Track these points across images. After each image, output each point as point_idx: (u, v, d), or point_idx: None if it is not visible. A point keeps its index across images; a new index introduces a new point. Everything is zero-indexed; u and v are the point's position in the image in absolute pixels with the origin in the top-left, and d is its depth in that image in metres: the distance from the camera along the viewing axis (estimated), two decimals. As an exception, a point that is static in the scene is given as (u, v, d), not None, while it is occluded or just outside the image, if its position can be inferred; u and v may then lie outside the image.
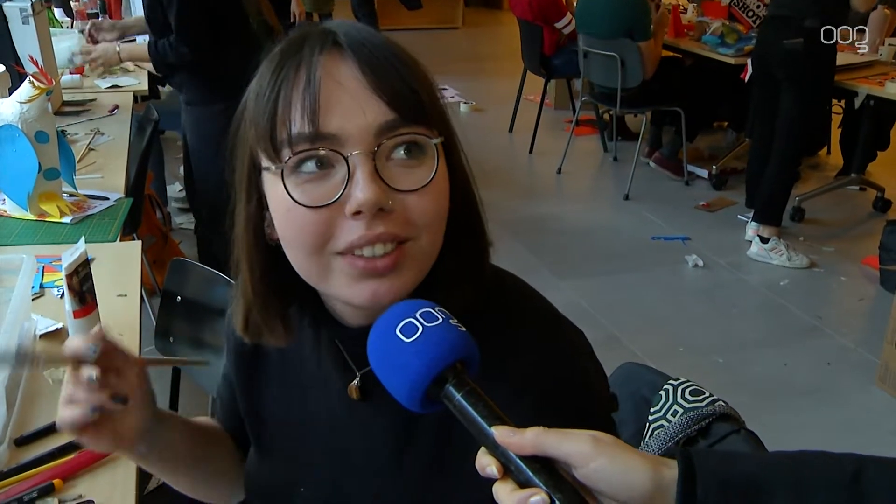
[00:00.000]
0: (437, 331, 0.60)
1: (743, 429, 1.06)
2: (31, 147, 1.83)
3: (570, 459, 0.55)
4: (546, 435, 0.56)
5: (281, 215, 0.69)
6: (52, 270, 1.65)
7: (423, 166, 0.68)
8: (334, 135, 0.66)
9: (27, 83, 1.85)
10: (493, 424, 0.57)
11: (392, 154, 0.67)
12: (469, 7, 10.28)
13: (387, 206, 0.66)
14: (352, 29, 0.71)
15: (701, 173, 4.72)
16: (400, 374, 0.60)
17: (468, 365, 0.61)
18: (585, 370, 0.78)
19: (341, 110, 0.66)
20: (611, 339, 3.02)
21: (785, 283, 3.51)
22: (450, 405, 0.59)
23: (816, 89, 3.62)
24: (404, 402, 0.60)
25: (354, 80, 0.67)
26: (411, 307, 0.62)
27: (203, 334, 1.66)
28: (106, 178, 2.29)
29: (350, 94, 0.66)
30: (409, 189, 0.67)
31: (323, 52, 0.68)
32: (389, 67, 0.68)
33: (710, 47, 4.49)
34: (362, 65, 0.67)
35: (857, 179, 4.36)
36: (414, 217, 0.68)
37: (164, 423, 0.85)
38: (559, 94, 6.04)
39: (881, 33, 4.20)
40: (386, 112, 0.66)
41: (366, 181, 0.65)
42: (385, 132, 0.67)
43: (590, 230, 4.13)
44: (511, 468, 0.56)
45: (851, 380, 2.84)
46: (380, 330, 0.62)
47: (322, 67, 0.67)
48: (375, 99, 0.66)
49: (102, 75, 3.53)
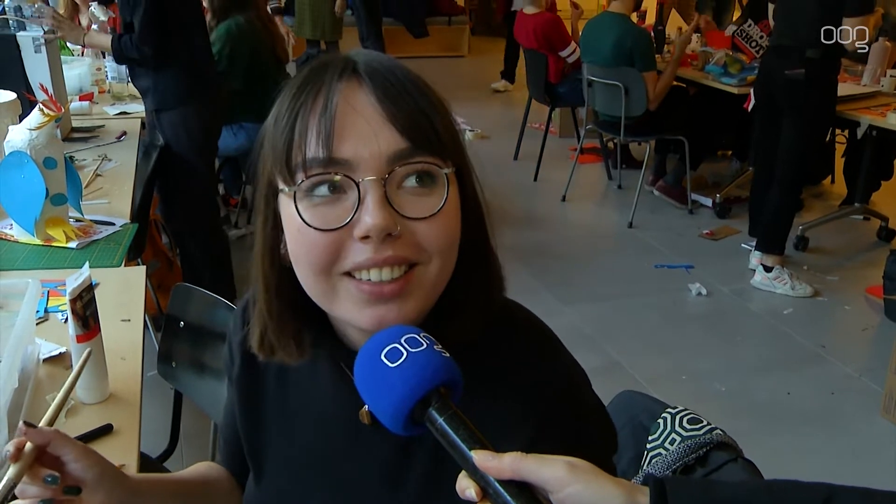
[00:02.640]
0: (421, 356, 0.62)
1: (740, 457, 1.06)
2: (40, 173, 1.85)
3: (547, 485, 0.57)
4: (524, 460, 0.57)
5: (292, 236, 0.71)
6: (57, 295, 1.67)
7: (433, 195, 0.70)
8: (347, 160, 0.68)
9: (37, 110, 1.88)
10: (473, 448, 0.59)
11: (404, 182, 0.69)
12: (475, 35, 10.40)
13: (395, 232, 0.67)
14: (372, 58, 0.73)
15: (705, 202, 4.73)
16: (385, 397, 0.62)
17: (452, 390, 0.62)
18: (584, 399, 0.79)
19: (356, 137, 0.68)
20: (613, 366, 3.01)
21: (788, 312, 3.51)
22: (432, 428, 0.61)
23: (818, 119, 3.64)
24: (388, 424, 0.62)
25: (371, 108, 0.69)
26: (397, 333, 0.64)
27: (205, 358, 1.66)
28: (112, 204, 2.31)
29: (365, 121, 0.68)
30: (418, 217, 0.69)
31: (342, 80, 0.70)
32: (406, 97, 0.70)
33: (713, 77, 4.53)
34: (379, 93, 0.69)
35: (860, 209, 4.36)
36: (424, 242, 0.69)
37: (143, 494, 0.85)
38: (564, 123, 6.08)
39: (882, 64, 4.23)
40: (399, 140, 0.68)
41: (375, 207, 0.66)
42: (397, 160, 0.68)
43: (594, 257, 4.14)
44: (490, 491, 0.58)
45: (855, 409, 2.82)
46: (366, 355, 0.64)
47: (340, 94, 0.69)
48: (390, 127, 0.68)
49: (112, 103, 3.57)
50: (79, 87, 3.65)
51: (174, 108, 2.97)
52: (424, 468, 0.77)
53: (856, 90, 4.06)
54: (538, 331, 0.82)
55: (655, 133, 4.59)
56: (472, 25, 10.55)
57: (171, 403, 1.83)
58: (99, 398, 1.31)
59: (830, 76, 3.55)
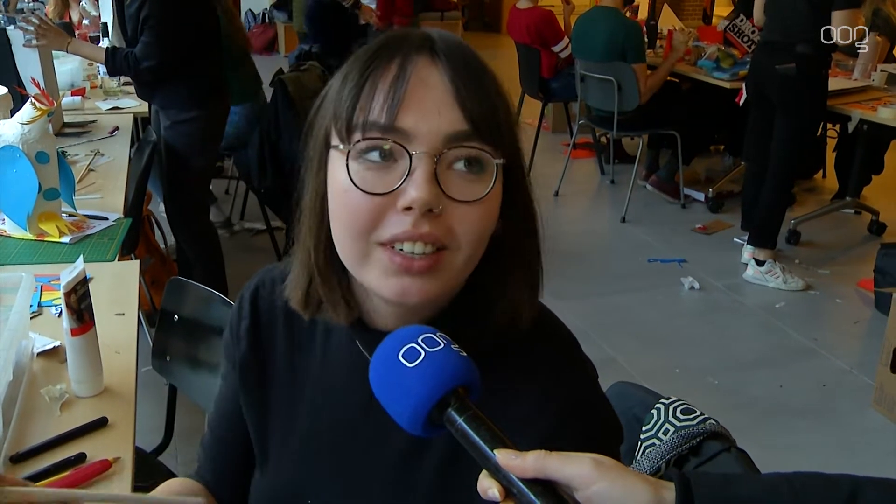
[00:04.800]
0: (440, 356, 0.61)
1: (733, 447, 1.07)
2: (32, 168, 1.85)
3: (572, 482, 0.56)
4: (548, 458, 0.56)
5: (338, 194, 0.71)
6: (51, 289, 1.66)
7: (480, 182, 0.70)
8: (406, 131, 0.68)
9: (29, 105, 1.87)
10: (496, 448, 0.57)
11: (454, 164, 0.70)
12: (468, 31, 10.41)
13: (436, 209, 0.68)
14: (449, 38, 0.74)
15: (697, 196, 4.75)
16: (402, 398, 0.60)
17: (470, 390, 0.61)
18: (598, 396, 0.79)
19: (420, 110, 0.69)
20: (608, 361, 3.02)
21: (781, 306, 3.53)
22: (452, 429, 0.60)
23: (809, 113, 3.66)
24: (406, 426, 0.61)
25: (441, 86, 0.70)
26: (414, 332, 0.63)
27: (199, 353, 1.66)
28: (105, 199, 2.31)
29: (432, 96, 0.69)
30: (462, 199, 0.69)
31: (419, 54, 0.71)
32: (476, 82, 0.71)
33: (705, 71, 4.55)
34: (451, 73, 0.70)
35: (852, 203, 4.39)
36: (458, 228, 0.70)
37: None
38: (556, 118, 6.09)
39: (873, 59, 4.25)
40: (461, 122, 0.69)
41: (423, 180, 0.67)
42: (454, 140, 0.69)
43: (587, 252, 4.15)
44: (513, 491, 0.56)
45: (847, 402, 2.84)
46: (382, 355, 0.63)
47: (414, 66, 0.70)
48: (455, 107, 0.69)
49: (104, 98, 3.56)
50: (70, 82, 3.64)
51: (180, 109, 2.96)
52: (441, 453, 0.77)
53: (847, 85, 4.08)
54: (561, 330, 0.82)
55: (648, 128, 4.60)
56: (465, 21, 10.55)
57: (165, 398, 1.83)
58: (93, 391, 1.31)
59: (821, 71, 3.57)
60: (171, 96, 2.95)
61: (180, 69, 2.86)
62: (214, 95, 3.07)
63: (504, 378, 0.74)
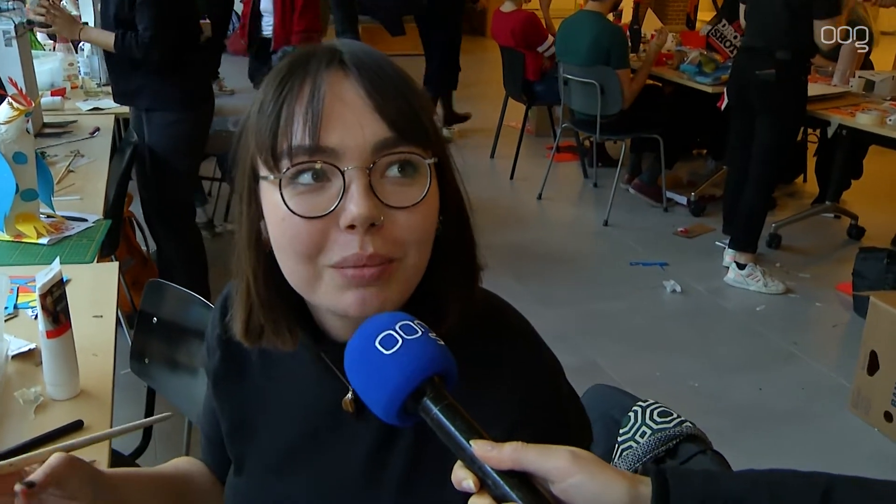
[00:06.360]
0: (417, 344, 0.60)
1: (710, 449, 1.08)
2: (9, 168, 1.83)
3: (549, 475, 0.56)
4: (525, 450, 0.56)
5: (276, 223, 0.71)
6: (27, 291, 1.65)
7: (415, 185, 0.70)
8: (333, 149, 0.68)
9: (6, 104, 1.86)
10: (471, 438, 0.57)
11: (387, 171, 0.69)
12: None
13: (378, 222, 0.67)
14: (356, 49, 0.73)
15: (680, 200, 4.77)
16: (378, 385, 0.60)
17: (446, 379, 0.61)
18: (562, 387, 0.80)
19: (341, 126, 0.68)
20: (589, 364, 3.03)
21: (761, 309, 3.55)
22: (427, 418, 0.59)
23: (789, 118, 3.70)
24: (381, 413, 0.61)
25: (357, 98, 0.69)
26: (391, 319, 0.62)
27: (179, 355, 1.65)
28: (85, 200, 2.29)
29: (351, 110, 0.68)
30: (401, 206, 0.69)
31: (329, 69, 0.70)
32: (391, 87, 0.70)
33: (688, 76, 4.58)
34: (365, 83, 0.69)
35: (831, 207, 4.43)
36: (403, 235, 0.69)
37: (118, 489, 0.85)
38: (540, 121, 6.10)
39: (852, 65, 4.30)
40: (384, 130, 0.68)
41: (360, 195, 0.67)
42: (382, 149, 0.68)
43: (570, 256, 4.16)
44: (488, 482, 0.56)
45: (825, 405, 2.86)
46: (358, 341, 0.62)
47: (326, 83, 0.69)
48: (375, 117, 0.68)
49: (85, 99, 3.53)
50: (50, 81, 3.61)
51: (169, 111, 2.95)
52: (407, 456, 0.77)
53: (826, 90, 4.12)
54: (517, 321, 0.83)
55: (631, 131, 4.62)
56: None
57: (144, 401, 1.82)
58: (69, 394, 1.30)
59: (801, 77, 3.60)
60: (164, 98, 2.93)
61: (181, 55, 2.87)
62: (204, 97, 3.08)
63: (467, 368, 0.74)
